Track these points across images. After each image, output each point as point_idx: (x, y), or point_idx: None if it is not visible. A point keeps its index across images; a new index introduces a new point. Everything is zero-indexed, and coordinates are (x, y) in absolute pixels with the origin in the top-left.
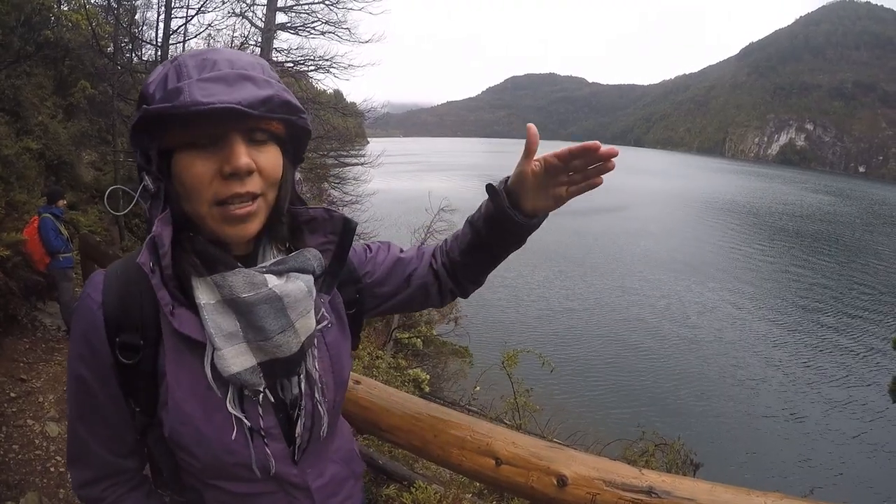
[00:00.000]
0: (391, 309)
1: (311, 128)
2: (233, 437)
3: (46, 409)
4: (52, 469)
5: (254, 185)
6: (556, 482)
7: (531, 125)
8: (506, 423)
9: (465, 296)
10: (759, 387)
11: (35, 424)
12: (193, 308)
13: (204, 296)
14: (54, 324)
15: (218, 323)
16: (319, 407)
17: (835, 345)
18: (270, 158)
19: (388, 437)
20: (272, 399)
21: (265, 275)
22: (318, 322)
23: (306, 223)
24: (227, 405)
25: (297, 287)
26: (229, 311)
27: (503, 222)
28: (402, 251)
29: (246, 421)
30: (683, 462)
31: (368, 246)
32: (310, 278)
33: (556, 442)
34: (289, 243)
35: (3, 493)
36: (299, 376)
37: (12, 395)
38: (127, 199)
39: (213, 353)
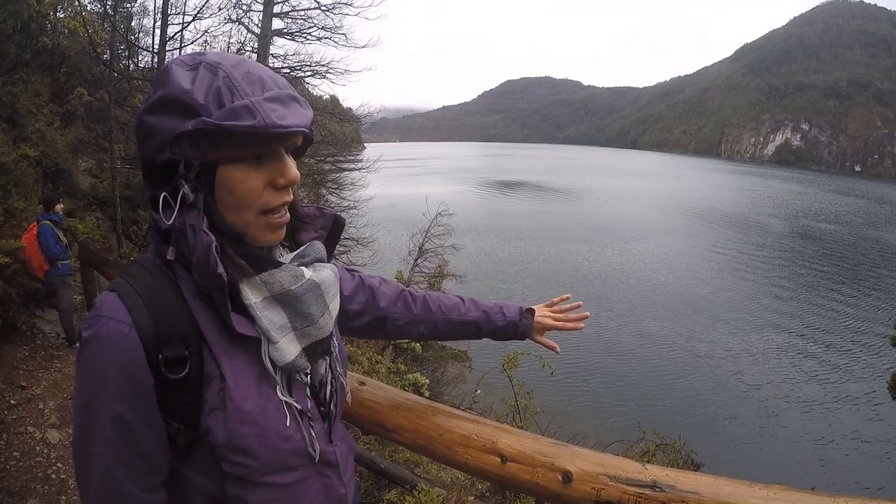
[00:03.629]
0: (356, 330)
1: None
2: (287, 424)
3: (47, 416)
4: (53, 476)
5: (291, 193)
6: (561, 478)
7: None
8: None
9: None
10: (761, 386)
11: (36, 431)
12: (237, 310)
13: (252, 295)
14: (53, 331)
15: (270, 318)
16: (342, 379)
17: (838, 343)
18: (294, 168)
19: (394, 437)
20: (308, 382)
21: (300, 268)
22: None
23: (300, 220)
24: (279, 394)
25: (328, 274)
26: (276, 305)
27: (510, 336)
28: (371, 279)
29: (296, 404)
30: (684, 461)
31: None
32: (333, 266)
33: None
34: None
35: (4, 500)
36: (331, 354)
37: (12, 402)
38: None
39: (268, 346)
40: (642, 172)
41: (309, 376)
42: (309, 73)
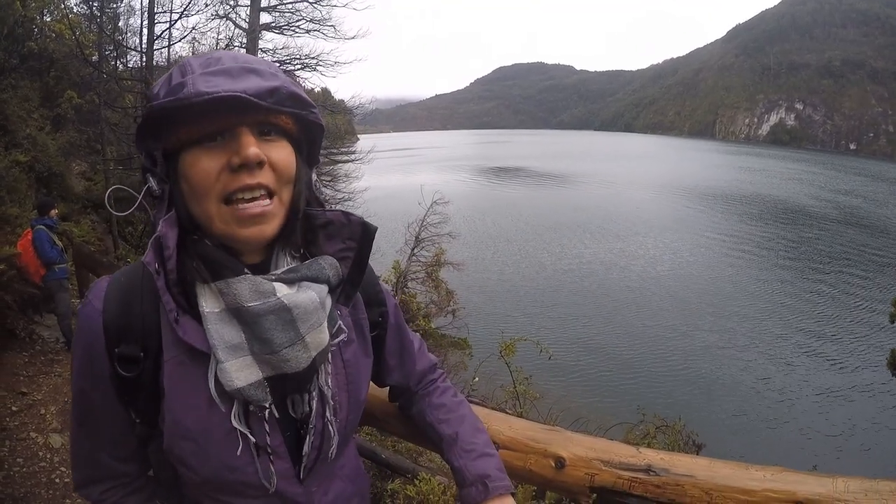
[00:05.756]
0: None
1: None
2: (237, 454)
3: (49, 421)
4: (56, 480)
5: (265, 177)
6: (554, 464)
7: None
8: (507, 412)
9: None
10: (761, 365)
11: (38, 437)
12: (198, 316)
13: (208, 304)
14: (52, 336)
15: (221, 333)
16: (330, 427)
17: (842, 325)
18: (282, 153)
19: (386, 427)
20: (277, 415)
21: (274, 283)
22: (334, 335)
23: (322, 227)
24: (232, 420)
25: (308, 298)
26: (234, 320)
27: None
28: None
29: (251, 437)
30: (685, 443)
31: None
32: (323, 288)
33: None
34: (303, 249)
35: None
36: (311, 393)
37: (14, 408)
38: (128, 201)
39: (216, 365)
40: (638, 155)
41: (267, 411)
42: (299, 67)
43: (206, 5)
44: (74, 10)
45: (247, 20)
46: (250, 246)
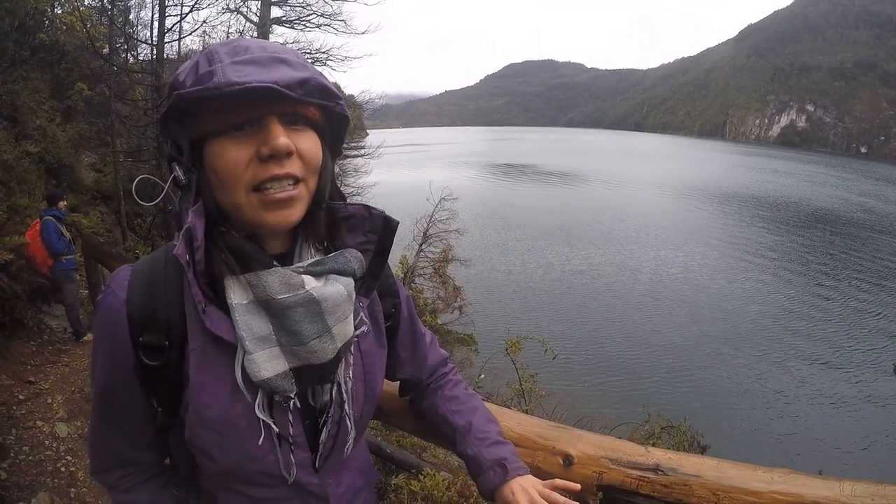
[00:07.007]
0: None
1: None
2: (258, 444)
3: (55, 410)
4: (62, 469)
5: (293, 167)
6: (562, 462)
7: None
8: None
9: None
10: (772, 374)
11: (44, 425)
12: (224, 307)
13: (236, 295)
14: (60, 326)
15: (250, 325)
16: (347, 420)
17: (846, 325)
18: (309, 143)
19: (394, 422)
20: (299, 405)
21: (303, 276)
22: (356, 327)
23: (344, 220)
24: (256, 410)
25: (337, 290)
26: (262, 312)
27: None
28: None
29: (275, 427)
30: (690, 444)
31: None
32: (350, 281)
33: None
34: (326, 242)
35: (14, 494)
36: (332, 384)
37: (21, 397)
38: (139, 192)
39: (243, 356)
40: (649, 155)
41: (293, 401)
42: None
43: None
44: (85, 3)
45: (257, 14)
46: (276, 231)
